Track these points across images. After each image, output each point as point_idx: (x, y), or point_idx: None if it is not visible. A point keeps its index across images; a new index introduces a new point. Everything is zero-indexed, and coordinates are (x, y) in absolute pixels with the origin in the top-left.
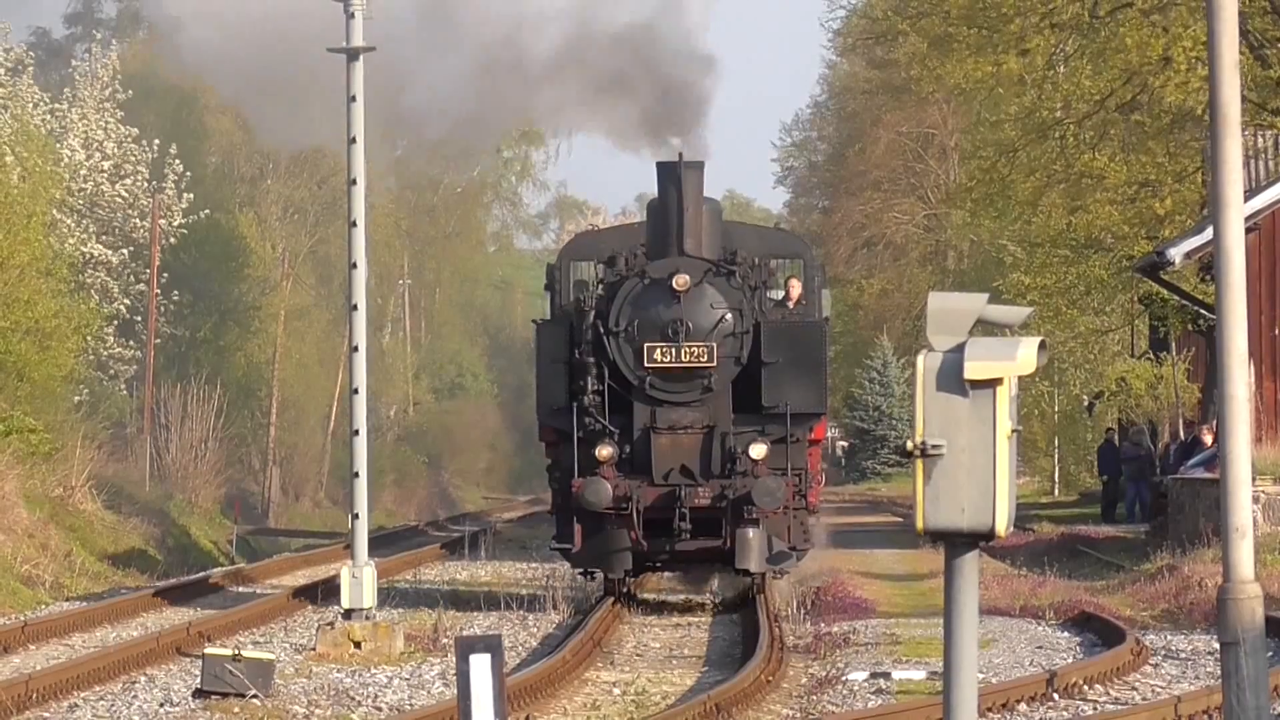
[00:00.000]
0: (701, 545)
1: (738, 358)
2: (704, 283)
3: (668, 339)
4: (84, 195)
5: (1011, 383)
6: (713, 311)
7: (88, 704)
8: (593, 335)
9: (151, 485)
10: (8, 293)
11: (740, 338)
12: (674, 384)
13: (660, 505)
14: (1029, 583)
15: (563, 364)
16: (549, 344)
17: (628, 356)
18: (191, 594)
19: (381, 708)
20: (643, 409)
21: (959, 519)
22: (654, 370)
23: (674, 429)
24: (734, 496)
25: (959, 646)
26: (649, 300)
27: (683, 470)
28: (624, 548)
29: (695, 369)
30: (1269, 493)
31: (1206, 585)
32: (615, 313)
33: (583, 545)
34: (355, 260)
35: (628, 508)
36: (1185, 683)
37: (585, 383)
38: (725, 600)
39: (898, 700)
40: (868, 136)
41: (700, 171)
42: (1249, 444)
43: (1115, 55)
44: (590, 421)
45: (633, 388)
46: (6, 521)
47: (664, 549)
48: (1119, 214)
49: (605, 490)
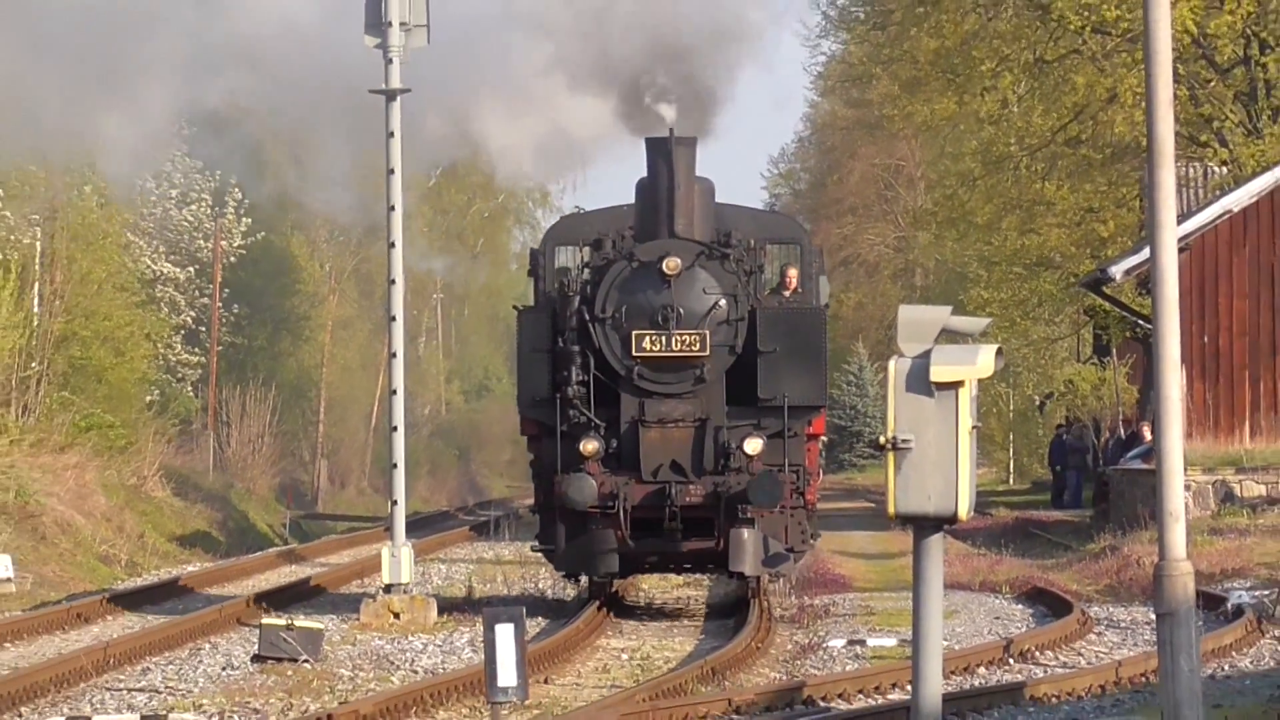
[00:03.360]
0: (693, 546)
1: (732, 346)
2: (696, 266)
3: (657, 326)
4: (154, 219)
5: (972, 384)
6: (705, 297)
7: (158, 668)
8: (577, 322)
9: (214, 475)
10: (87, 305)
11: (735, 325)
12: (664, 374)
13: (649, 504)
14: (987, 561)
15: (545, 353)
16: (531, 331)
17: (615, 345)
18: (250, 570)
19: (418, 671)
20: (630, 401)
21: (926, 505)
22: (643, 359)
23: (664, 422)
24: (728, 495)
25: (926, 617)
26: (637, 285)
27: (673, 466)
28: (610, 549)
29: (687, 358)
30: (1198, 482)
31: (1144, 563)
32: (602, 298)
33: (566, 546)
34: (394, 277)
35: (614, 506)
36: (1125, 649)
37: (569, 373)
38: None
39: (872, 664)
40: (845, 168)
41: (693, 148)
42: (1181, 439)
43: (1066, 95)
44: (574, 414)
45: (620, 378)
46: (86, 507)
47: (653, 550)
48: (1066, 236)
49: (590, 487)
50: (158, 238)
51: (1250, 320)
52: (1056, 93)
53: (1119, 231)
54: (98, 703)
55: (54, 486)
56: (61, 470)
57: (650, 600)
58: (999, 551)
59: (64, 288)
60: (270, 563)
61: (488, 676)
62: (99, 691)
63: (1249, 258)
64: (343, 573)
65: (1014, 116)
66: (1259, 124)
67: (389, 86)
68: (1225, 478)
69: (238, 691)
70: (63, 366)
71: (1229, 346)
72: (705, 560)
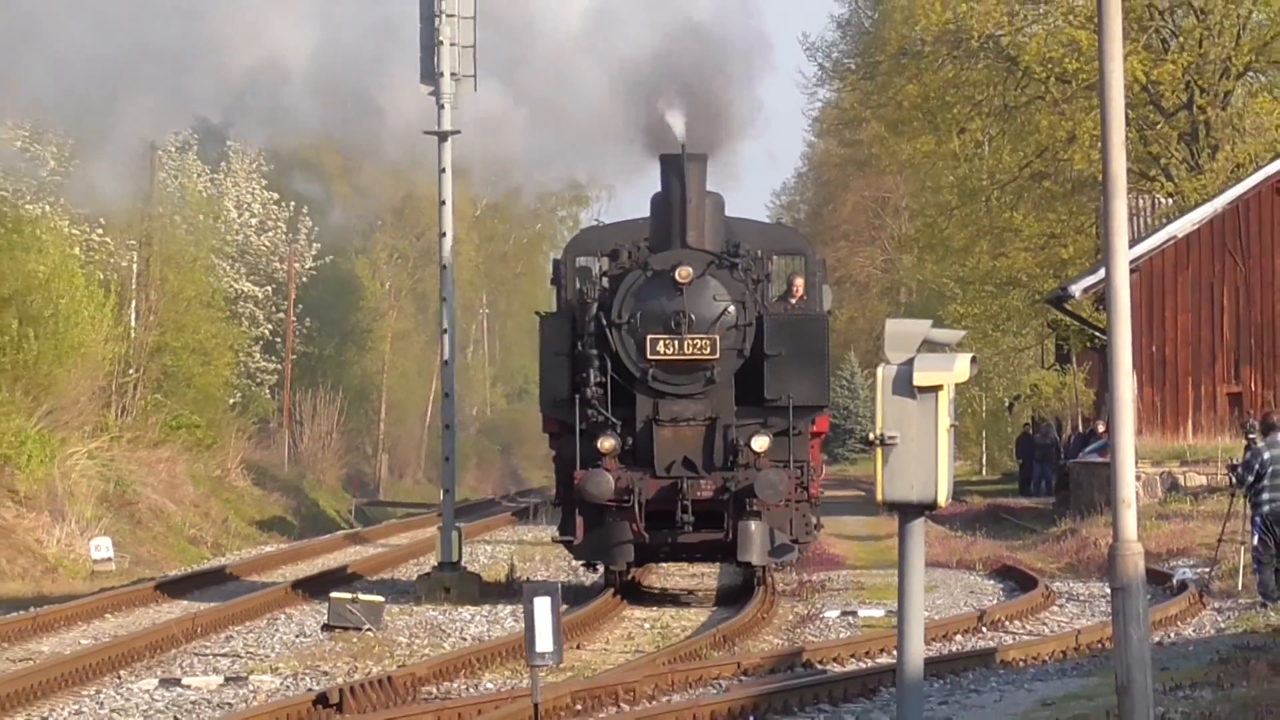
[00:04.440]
0: (703, 538)
1: (740, 350)
2: (706, 275)
3: (670, 331)
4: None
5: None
6: (715, 304)
7: (240, 636)
8: (595, 327)
9: (289, 467)
10: (178, 319)
11: (743, 330)
12: (676, 376)
13: (662, 497)
14: (963, 542)
15: (566, 356)
16: (552, 336)
17: (630, 348)
18: (320, 551)
19: (466, 639)
20: (645, 401)
21: (909, 493)
22: (656, 362)
23: (676, 421)
24: (736, 489)
25: (909, 591)
26: (651, 292)
27: (685, 462)
28: (626, 540)
29: (698, 361)
30: (1147, 473)
31: (1100, 544)
32: (618, 305)
33: (585, 537)
34: (445, 295)
35: (630, 500)
36: (1084, 619)
37: (588, 375)
38: (726, 585)
39: (863, 632)
40: (838, 199)
41: (703, 164)
42: (1132, 435)
43: (1031, 135)
44: (593, 413)
45: (635, 380)
46: (177, 495)
47: (666, 541)
48: (1032, 259)
49: (607, 482)
50: (239, 260)
51: (1193, 332)
52: (1022, 134)
53: (1078, 254)
54: (187, 666)
55: (148, 478)
56: (155, 463)
57: (665, 588)
58: (973, 534)
59: (157, 304)
60: (338, 544)
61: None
62: (188, 657)
63: (1191, 278)
64: (401, 553)
65: (985, 154)
66: (1199, 161)
67: (441, 129)
68: (1170, 469)
69: (309, 656)
70: (156, 373)
71: (1174, 355)
72: (715, 551)
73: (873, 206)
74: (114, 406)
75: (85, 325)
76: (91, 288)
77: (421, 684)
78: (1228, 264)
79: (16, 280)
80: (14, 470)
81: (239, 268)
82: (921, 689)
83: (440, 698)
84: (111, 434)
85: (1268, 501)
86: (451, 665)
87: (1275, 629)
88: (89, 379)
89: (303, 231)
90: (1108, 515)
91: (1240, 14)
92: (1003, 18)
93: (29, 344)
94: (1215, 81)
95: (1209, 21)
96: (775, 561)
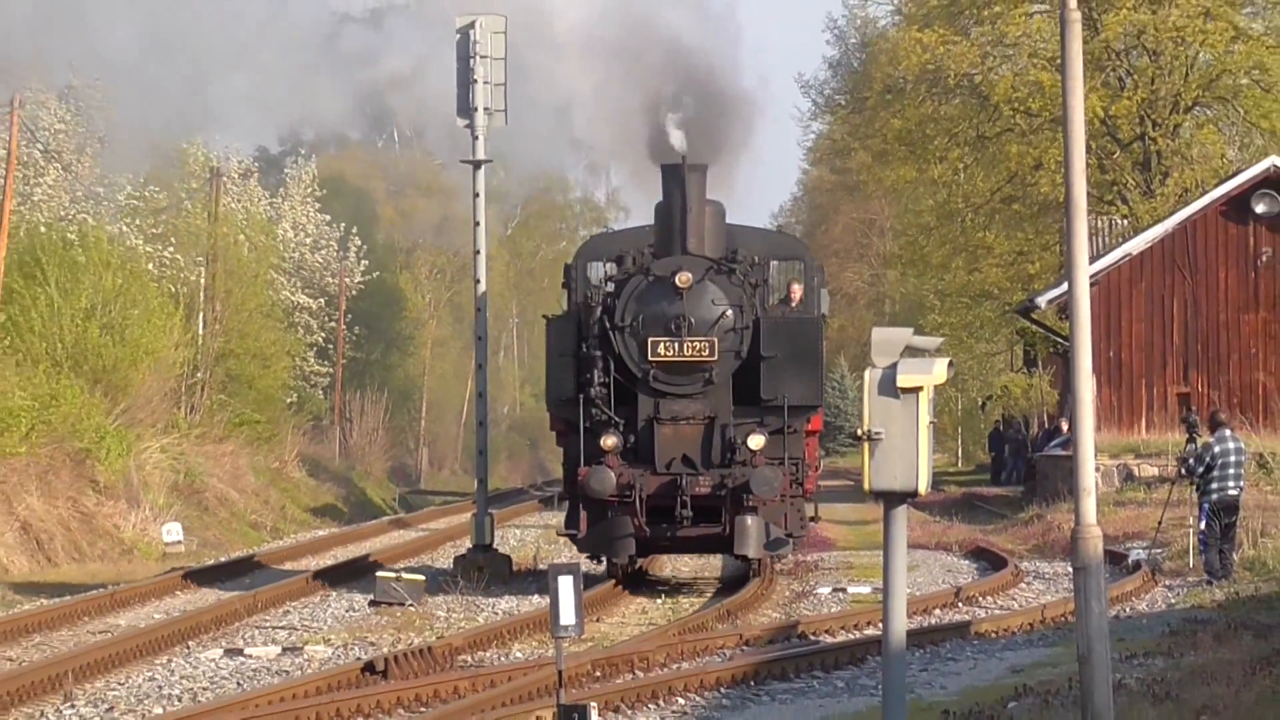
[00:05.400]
0: (702, 532)
1: (737, 352)
2: (705, 280)
3: (671, 334)
4: (292, 261)
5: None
6: (714, 307)
7: (295, 611)
8: (599, 330)
9: (339, 460)
10: (240, 328)
11: (740, 333)
12: (676, 377)
13: (663, 493)
14: (941, 526)
15: (571, 357)
16: (558, 338)
17: (632, 350)
18: (368, 535)
19: (498, 613)
20: (647, 400)
21: (894, 483)
22: (657, 363)
23: (676, 420)
24: (733, 485)
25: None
26: (653, 296)
27: (684, 459)
28: (627, 534)
29: (697, 362)
30: (1105, 465)
31: (1063, 528)
32: (621, 308)
33: (588, 531)
34: (479, 306)
35: (631, 495)
36: (1049, 595)
37: (592, 375)
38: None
39: (852, 607)
40: (830, 220)
41: (703, 174)
42: (1092, 431)
43: (1002, 164)
44: (597, 412)
45: (637, 380)
46: (240, 485)
47: (666, 535)
48: (1002, 274)
49: (609, 478)
50: (295, 275)
51: (1146, 339)
52: (994, 162)
53: (1043, 270)
54: (248, 638)
55: (214, 469)
56: (220, 456)
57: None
58: (950, 519)
59: (222, 314)
60: (383, 529)
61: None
62: (249, 629)
63: (1145, 290)
64: (439, 536)
65: (961, 181)
66: (1152, 186)
67: (475, 158)
68: (1126, 461)
69: (358, 629)
70: (221, 376)
71: (1130, 359)
72: (713, 544)
73: (860, 227)
74: (183, 405)
75: (157, 333)
76: (163, 300)
77: (457, 653)
78: (1177, 278)
79: (97, 294)
80: (95, 463)
81: (295, 282)
82: (904, 658)
83: (474, 665)
84: (181, 430)
85: (1216, 490)
86: (484, 637)
87: (1219, 604)
88: (161, 381)
89: (352, 249)
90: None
91: (1188, 55)
92: (976, 59)
93: (108, 350)
94: (1166, 115)
95: (1160, 62)
96: (770, 554)
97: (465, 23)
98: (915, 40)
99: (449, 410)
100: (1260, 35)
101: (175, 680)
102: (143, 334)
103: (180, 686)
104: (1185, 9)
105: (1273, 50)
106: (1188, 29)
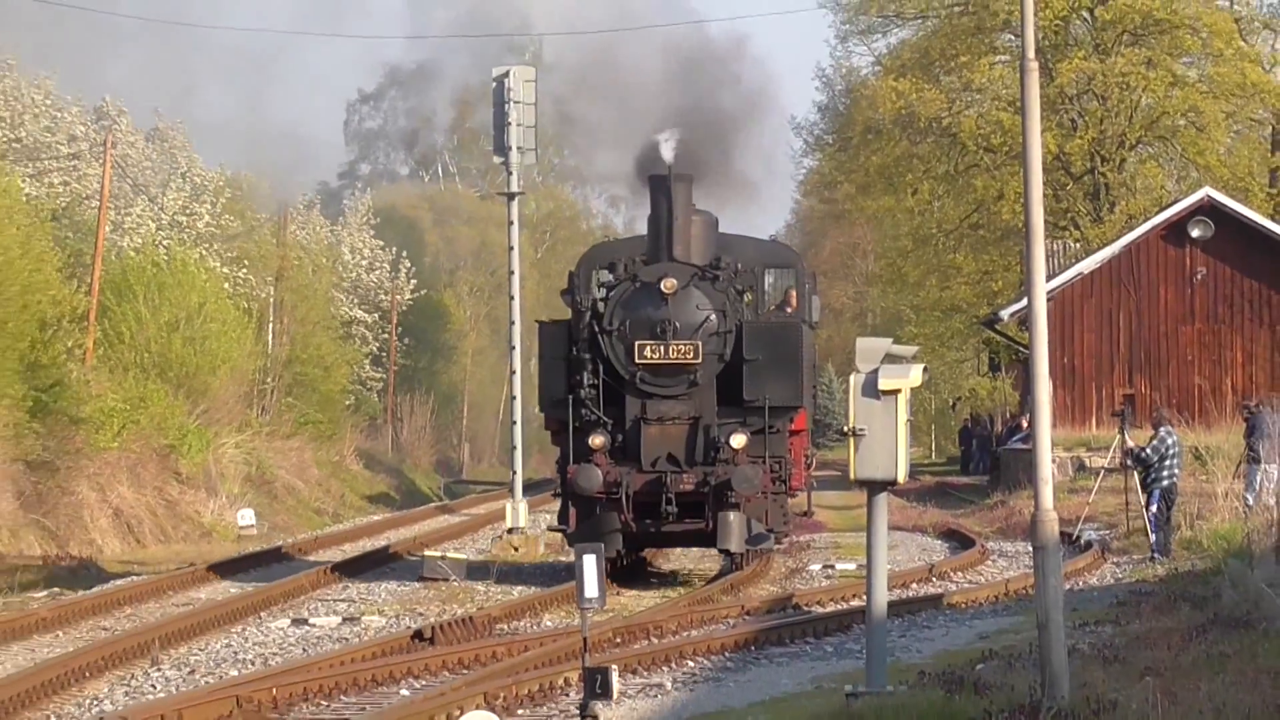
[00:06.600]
0: (686, 527)
1: (721, 355)
2: (690, 286)
3: (657, 337)
4: (350, 280)
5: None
6: (698, 312)
7: (354, 586)
8: (589, 334)
9: (392, 454)
10: (304, 339)
11: (724, 336)
12: (662, 379)
13: (648, 490)
14: (917, 511)
15: (562, 360)
16: (550, 342)
17: (620, 353)
18: (417, 519)
19: (531, 588)
20: (634, 401)
21: (876, 472)
22: (644, 366)
23: (662, 420)
24: (716, 482)
25: (875, 549)
26: (640, 302)
27: (669, 458)
28: (615, 529)
29: (682, 365)
30: (1061, 457)
31: (1024, 512)
32: (609, 313)
33: (577, 526)
34: (513, 319)
35: (618, 492)
36: (1012, 571)
37: (582, 377)
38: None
39: (839, 582)
40: (819, 245)
41: (689, 184)
42: (1049, 428)
43: (969, 194)
44: (586, 412)
45: (625, 382)
46: (305, 476)
47: (652, 530)
48: (970, 291)
49: (597, 476)
50: (352, 293)
51: (1095, 348)
52: (962, 193)
53: (1006, 287)
54: (313, 609)
55: (282, 462)
56: (287, 451)
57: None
58: (925, 505)
59: (289, 327)
60: (430, 514)
61: (578, 590)
62: (314, 601)
63: (1095, 305)
64: (479, 520)
65: (934, 209)
66: (1101, 214)
67: (510, 190)
68: (1079, 454)
69: (408, 601)
70: (288, 381)
71: (1082, 365)
72: (697, 539)
73: (846, 250)
74: (255, 407)
75: (232, 344)
76: (237, 315)
77: (495, 622)
78: (1123, 294)
79: (180, 310)
80: (178, 456)
81: (352, 299)
82: (885, 626)
83: (510, 633)
84: (253, 428)
85: (1167, 478)
86: (519, 608)
87: (1161, 579)
88: (235, 385)
89: (402, 270)
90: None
91: (1132, 99)
92: (944, 104)
93: (189, 359)
94: (1113, 152)
95: (1108, 105)
96: (752, 549)
97: (500, 72)
98: (891, 88)
99: (487, 410)
100: (1195, 82)
101: (249, 646)
102: (219, 345)
103: (253, 652)
104: (1130, 59)
105: (1205, 95)
106: (1132, 76)
